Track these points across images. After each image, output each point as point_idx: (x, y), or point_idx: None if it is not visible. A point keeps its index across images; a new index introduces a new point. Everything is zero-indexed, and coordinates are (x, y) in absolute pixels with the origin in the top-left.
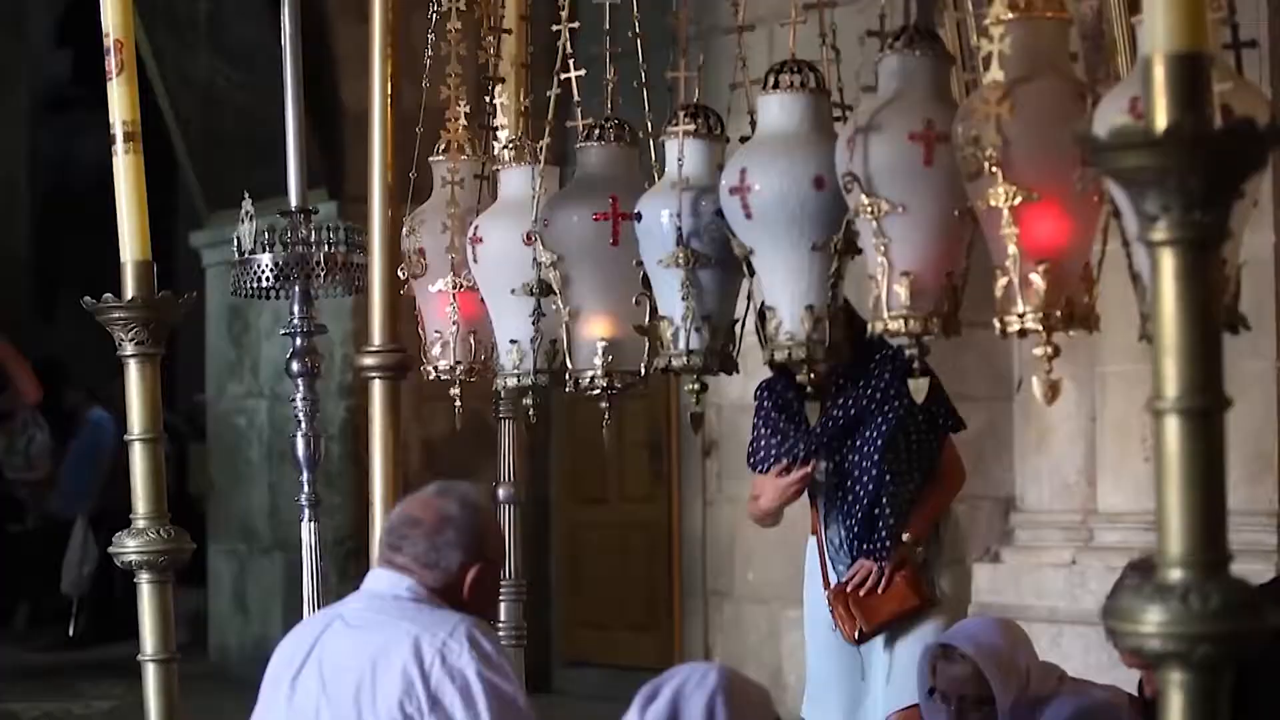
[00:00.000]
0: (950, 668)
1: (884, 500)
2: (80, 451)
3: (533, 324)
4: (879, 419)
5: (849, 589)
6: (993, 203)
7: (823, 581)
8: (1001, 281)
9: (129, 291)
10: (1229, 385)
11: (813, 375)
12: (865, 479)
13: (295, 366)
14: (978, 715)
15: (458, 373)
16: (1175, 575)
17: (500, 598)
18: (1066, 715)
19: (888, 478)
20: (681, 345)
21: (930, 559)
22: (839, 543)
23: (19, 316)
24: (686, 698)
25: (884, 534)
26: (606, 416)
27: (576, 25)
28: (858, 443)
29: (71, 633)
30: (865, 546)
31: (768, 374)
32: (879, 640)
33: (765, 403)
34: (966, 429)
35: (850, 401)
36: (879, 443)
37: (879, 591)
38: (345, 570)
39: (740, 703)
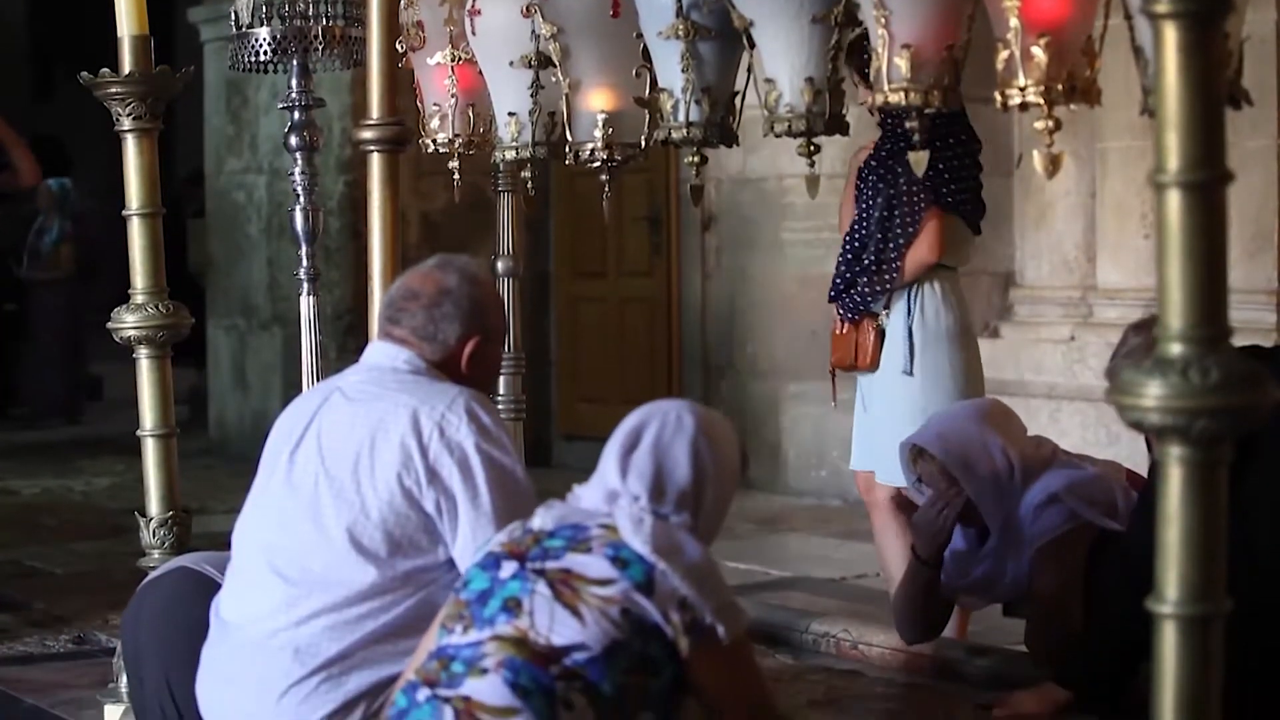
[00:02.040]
0: (924, 464)
1: (874, 257)
2: None
3: (531, 96)
4: (883, 171)
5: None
6: None
7: None
8: (1003, 55)
9: (126, 66)
10: (1230, 164)
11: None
12: (854, 226)
13: (293, 141)
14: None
15: (456, 146)
16: (1175, 349)
17: (499, 371)
18: (1056, 487)
19: (878, 237)
20: (681, 117)
21: (888, 324)
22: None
23: (16, 95)
24: (667, 447)
25: (855, 293)
26: (606, 189)
27: None
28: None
29: None
30: (832, 294)
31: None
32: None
33: None
34: (979, 230)
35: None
36: (874, 196)
37: (839, 335)
38: (344, 344)
39: (717, 441)
